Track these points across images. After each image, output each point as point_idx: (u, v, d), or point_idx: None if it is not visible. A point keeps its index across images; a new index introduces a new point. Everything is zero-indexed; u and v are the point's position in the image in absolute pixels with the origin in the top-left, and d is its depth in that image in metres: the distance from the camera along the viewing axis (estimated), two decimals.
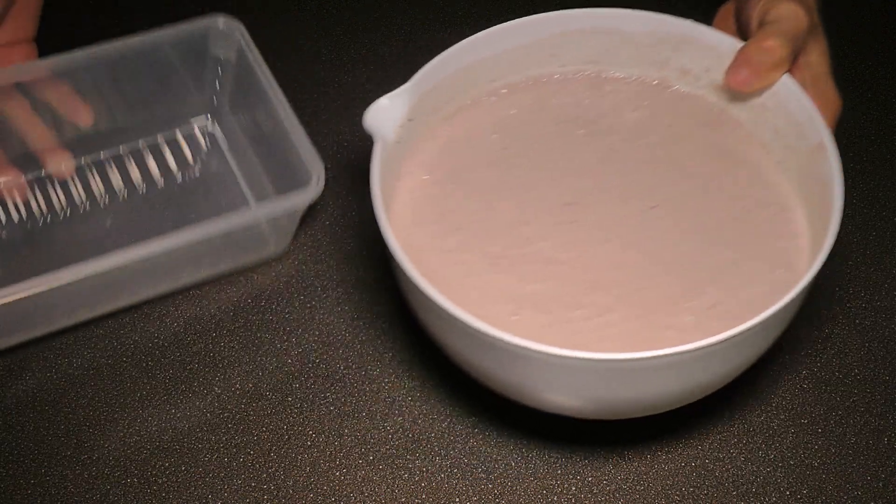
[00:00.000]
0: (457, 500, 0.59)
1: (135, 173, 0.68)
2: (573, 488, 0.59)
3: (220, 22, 0.66)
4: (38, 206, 0.67)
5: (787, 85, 0.59)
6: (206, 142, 0.70)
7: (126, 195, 0.68)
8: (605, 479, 0.59)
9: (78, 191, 0.67)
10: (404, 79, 0.58)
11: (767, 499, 0.59)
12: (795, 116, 0.59)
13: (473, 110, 0.63)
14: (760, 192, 0.60)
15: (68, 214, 0.67)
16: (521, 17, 0.61)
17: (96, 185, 0.68)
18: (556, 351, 0.50)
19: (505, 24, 0.61)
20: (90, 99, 0.67)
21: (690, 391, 0.55)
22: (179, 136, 0.70)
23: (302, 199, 0.61)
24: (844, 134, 0.73)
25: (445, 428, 0.61)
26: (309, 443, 0.60)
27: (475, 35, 0.60)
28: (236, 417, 0.61)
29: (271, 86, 0.64)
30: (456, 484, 0.59)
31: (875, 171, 0.71)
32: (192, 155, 0.69)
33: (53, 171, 0.67)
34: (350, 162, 0.70)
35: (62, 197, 0.67)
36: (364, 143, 0.61)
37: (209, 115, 0.70)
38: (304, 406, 0.62)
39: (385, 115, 0.58)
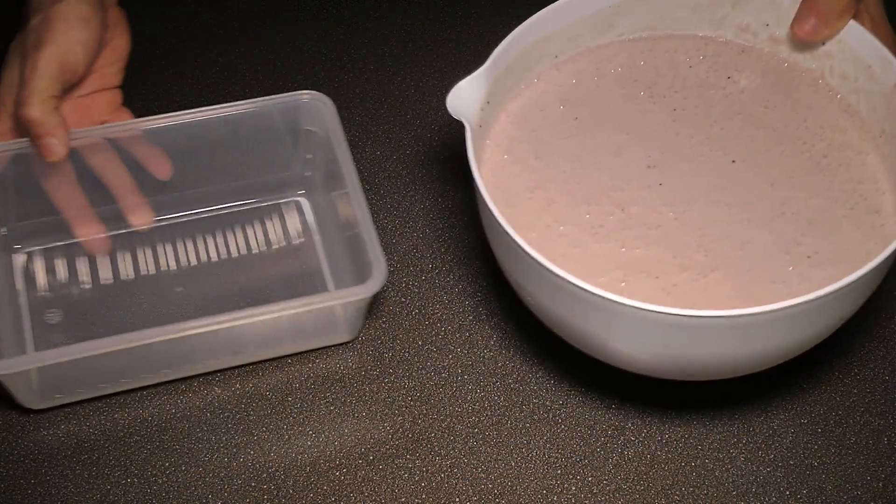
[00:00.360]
0: (457, 500, 0.59)
1: (217, 240, 0.67)
2: (573, 488, 0.59)
3: (312, 97, 0.65)
4: (119, 263, 0.65)
5: (854, 30, 0.60)
6: (291, 216, 0.68)
7: (204, 259, 0.66)
8: (606, 480, 0.59)
9: (155, 252, 0.66)
10: None
11: (767, 499, 0.59)
12: (865, 60, 0.60)
13: (538, 86, 0.63)
14: (832, 137, 0.61)
15: (143, 274, 0.65)
16: None
17: (175, 247, 0.66)
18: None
19: None
20: (178, 161, 0.66)
21: (804, 342, 0.56)
22: (265, 208, 0.68)
23: (361, 290, 0.59)
24: None
25: (446, 427, 0.61)
26: (309, 443, 0.60)
27: (540, 12, 0.61)
28: (236, 418, 0.61)
29: (349, 171, 0.62)
30: (456, 484, 0.59)
31: None
32: (277, 228, 0.67)
33: (136, 223, 0.66)
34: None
35: (141, 255, 0.66)
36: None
37: (297, 190, 0.68)
38: (304, 406, 0.62)
39: (467, 97, 0.58)
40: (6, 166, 0.63)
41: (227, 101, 0.65)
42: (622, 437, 0.61)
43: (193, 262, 0.66)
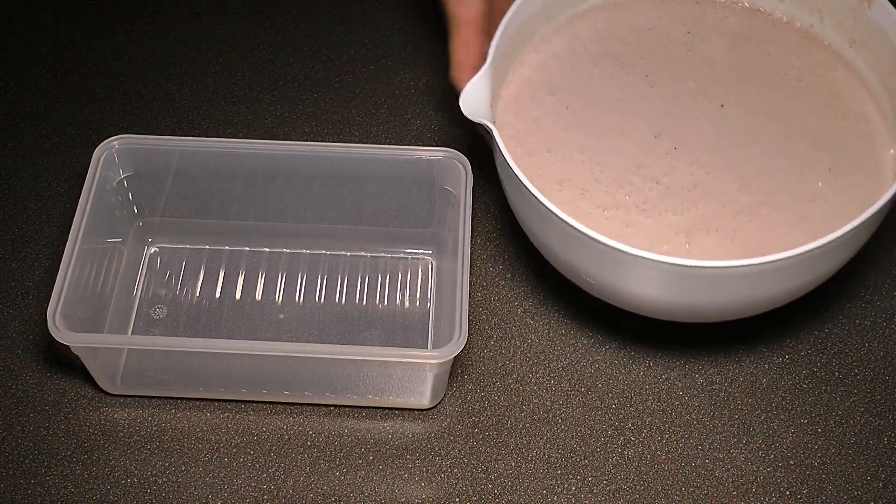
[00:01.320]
0: (457, 500, 0.59)
1: (336, 279, 0.66)
2: (573, 488, 0.59)
3: (449, 157, 0.63)
4: (232, 279, 0.66)
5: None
6: (416, 274, 0.67)
7: (316, 295, 0.66)
8: (606, 479, 0.59)
9: (269, 277, 0.66)
10: None
11: (767, 499, 0.59)
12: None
13: (522, 72, 0.65)
14: (799, 62, 0.65)
15: (254, 296, 0.65)
16: None
17: (294, 277, 0.66)
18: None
19: None
20: (320, 196, 0.66)
21: (815, 280, 0.59)
22: (393, 259, 0.67)
23: (435, 354, 0.57)
24: None
25: (446, 427, 0.61)
26: (309, 443, 0.60)
27: None
28: (236, 417, 0.61)
29: (464, 238, 0.61)
30: (456, 484, 0.59)
31: None
32: (403, 282, 0.66)
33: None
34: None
35: (259, 278, 0.66)
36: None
37: (429, 248, 0.67)
38: (304, 406, 0.62)
39: (476, 97, 0.59)
40: (169, 160, 0.64)
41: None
42: (622, 437, 0.61)
43: (304, 295, 0.66)
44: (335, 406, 0.62)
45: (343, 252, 0.67)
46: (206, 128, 0.73)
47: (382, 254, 0.67)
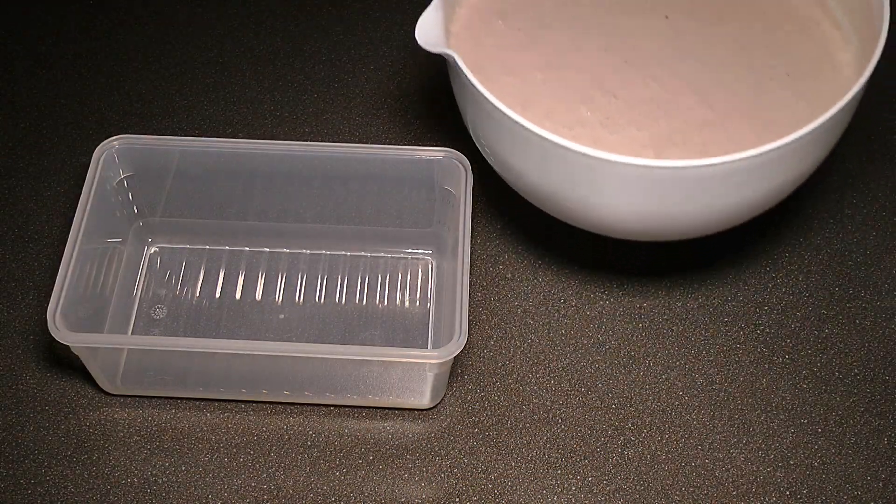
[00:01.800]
0: (457, 500, 0.59)
1: (336, 279, 0.66)
2: (573, 488, 0.59)
3: (449, 157, 0.63)
4: (232, 279, 0.66)
5: None
6: (415, 274, 0.67)
7: (317, 295, 0.65)
8: (606, 479, 0.59)
9: (269, 278, 0.66)
10: None
11: (767, 499, 0.59)
12: None
13: (469, 1, 0.65)
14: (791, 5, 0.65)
15: (254, 296, 0.65)
16: None
17: (294, 277, 0.66)
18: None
19: None
20: (320, 196, 0.65)
21: (766, 195, 0.59)
22: (393, 259, 0.67)
23: (433, 354, 0.57)
24: (844, 134, 0.74)
25: (446, 427, 0.61)
26: (309, 443, 0.60)
27: None
28: (236, 417, 0.61)
29: (464, 238, 0.60)
30: (456, 484, 0.59)
31: (875, 170, 0.71)
32: (398, 283, 0.66)
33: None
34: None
35: (259, 278, 0.66)
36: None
37: (428, 248, 0.67)
38: (304, 406, 0.62)
39: (432, 26, 0.59)
40: (169, 160, 0.64)
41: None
42: (622, 437, 0.61)
43: (305, 295, 0.66)
44: (335, 406, 0.62)
45: (343, 252, 0.67)
46: (206, 128, 0.73)
47: (382, 254, 0.67)
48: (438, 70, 0.74)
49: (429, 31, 0.59)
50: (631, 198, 0.57)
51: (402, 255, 0.67)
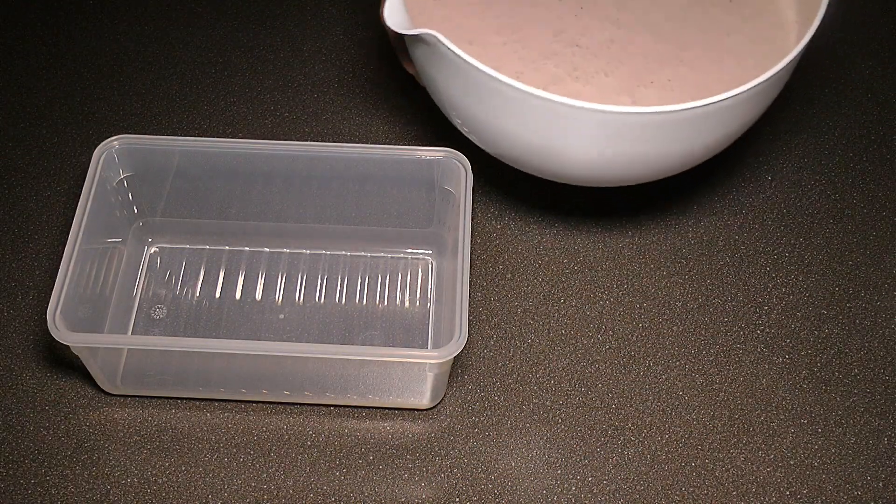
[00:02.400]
0: (457, 500, 0.59)
1: (336, 279, 0.66)
2: (573, 488, 0.59)
3: (449, 157, 0.62)
4: (232, 280, 0.66)
5: None
6: (415, 274, 0.67)
7: (317, 296, 0.65)
8: (606, 479, 0.59)
9: (269, 278, 0.66)
10: None
11: (767, 499, 0.59)
12: None
13: None
14: None
15: (254, 296, 0.65)
16: None
17: (294, 277, 0.66)
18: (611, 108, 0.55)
19: None
20: (320, 196, 0.65)
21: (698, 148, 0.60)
22: (393, 259, 0.67)
23: (432, 355, 0.57)
24: (844, 134, 0.74)
25: (446, 427, 0.61)
26: (309, 443, 0.60)
27: None
28: (236, 417, 0.61)
29: (464, 238, 0.60)
30: (456, 484, 0.59)
31: (875, 171, 0.71)
32: (398, 283, 0.66)
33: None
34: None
35: (259, 279, 0.66)
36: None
37: (429, 248, 0.67)
38: (304, 406, 0.62)
39: (399, 11, 0.59)
40: (170, 160, 0.64)
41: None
42: (622, 437, 0.61)
43: (305, 295, 0.65)
44: (335, 406, 0.62)
45: (343, 252, 0.67)
46: (206, 128, 0.73)
47: (382, 254, 0.67)
48: None
49: (397, 15, 0.59)
50: (605, 142, 0.58)
51: (402, 255, 0.67)
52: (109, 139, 0.63)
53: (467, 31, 0.63)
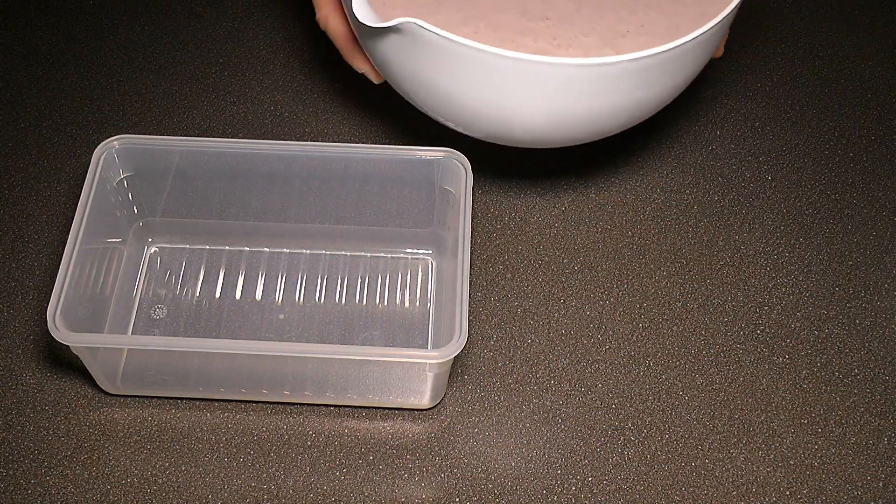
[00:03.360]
0: (457, 500, 0.59)
1: (336, 279, 0.66)
2: (573, 488, 0.59)
3: (449, 157, 0.63)
4: (232, 280, 0.66)
5: None
6: (415, 274, 0.67)
7: (316, 296, 0.66)
8: (606, 479, 0.59)
9: (269, 278, 0.66)
10: None
11: (767, 499, 0.59)
12: None
13: None
14: None
15: (254, 296, 0.66)
16: None
17: (294, 277, 0.66)
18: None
19: None
20: (320, 196, 0.66)
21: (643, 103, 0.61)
22: (393, 259, 0.67)
23: (432, 355, 0.56)
24: (844, 134, 0.74)
25: (446, 427, 0.61)
26: (309, 443, 0.60)
27: None
28: (236, 417, 0.61)
29: (464, 238, 0.60)
30: (456, 484, 0.59)
31: (875, 171, 0.71)
32: (398, 283, 0.66)
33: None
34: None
35: (259, 279, 0.66)
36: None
37: (429, 248, 0.67)
38: (304, 406, 0.62)
39: (368, 7, 0.59)
40: (169, 160, 0.64)
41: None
42: (622, 437, 0.61)
43: (305, 295, 0.66)
44: (335, 406, 0.62)
45: (343, 252, 0.67)
46: (206, 128, 0.73)
47: (382, 254, 0.67)
48: None
49: (364, 10, 0.59)
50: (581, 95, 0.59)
51: (402, 255, 0.67)
52: (109, 139, 0.63)
53: (435, 25, 0.63)
